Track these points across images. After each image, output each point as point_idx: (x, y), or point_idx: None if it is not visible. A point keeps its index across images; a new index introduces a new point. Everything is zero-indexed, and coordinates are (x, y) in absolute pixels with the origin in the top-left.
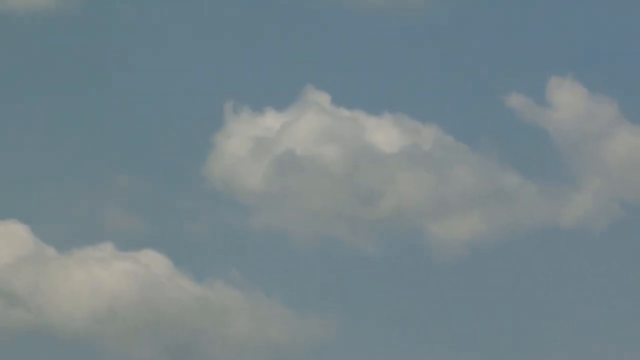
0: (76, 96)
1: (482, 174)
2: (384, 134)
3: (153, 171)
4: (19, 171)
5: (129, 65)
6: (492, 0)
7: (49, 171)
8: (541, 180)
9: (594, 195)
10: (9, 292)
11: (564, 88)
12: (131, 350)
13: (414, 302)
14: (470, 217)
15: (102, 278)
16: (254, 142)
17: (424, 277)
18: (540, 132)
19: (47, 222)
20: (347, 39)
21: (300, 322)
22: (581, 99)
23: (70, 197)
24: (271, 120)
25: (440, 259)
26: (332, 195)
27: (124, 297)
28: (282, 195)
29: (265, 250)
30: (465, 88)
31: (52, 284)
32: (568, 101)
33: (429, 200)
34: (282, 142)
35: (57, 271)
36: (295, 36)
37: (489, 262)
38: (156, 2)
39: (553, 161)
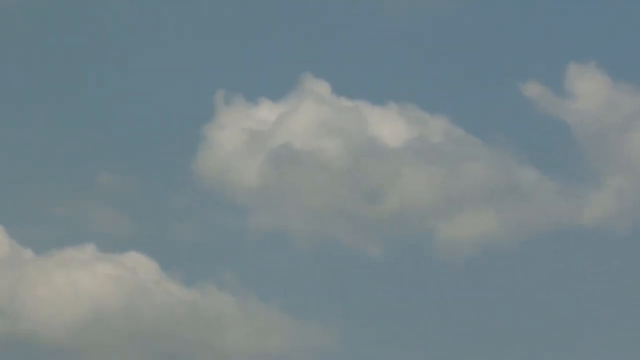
0: (55, 89)
1: (496, 170)
2: (389, 126)
3: (138, 167)
4: None
5: (111, 55)
6: None
7: (27, 168)
8: (560, 177)
9: (617, 193)
10: None
11: (585, 76)
12: None
13: (420, 307)
14: (483, 217)
15: (84, 283)
16: (248, 136)
17: (432, 281)
18: (559, 125)
19: (24, 223)
20: (348, 23)
21: (299, 330)
22: (604, 88)
23: (50, 195)
24: (266, 112)
25: (448, 261)
26: (332, 192)
27: (108, 303)
28: (278, 193)
29: (261, 252)
30: (478, 76)
31: (30, 289)
32: (590, 90)
33: (437, 198)
34: (279, 135)
35: (35, 275)
36: (292, 21)
37: (501, 265)
38: None
39: (573, 156)
